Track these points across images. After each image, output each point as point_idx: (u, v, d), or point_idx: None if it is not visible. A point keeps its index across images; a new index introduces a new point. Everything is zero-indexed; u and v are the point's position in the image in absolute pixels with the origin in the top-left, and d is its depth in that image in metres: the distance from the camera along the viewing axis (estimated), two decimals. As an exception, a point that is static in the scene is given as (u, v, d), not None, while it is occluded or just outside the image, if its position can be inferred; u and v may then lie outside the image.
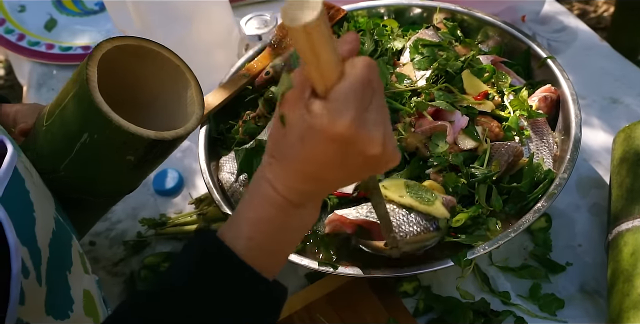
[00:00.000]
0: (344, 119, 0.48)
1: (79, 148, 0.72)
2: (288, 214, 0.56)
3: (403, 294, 0.92)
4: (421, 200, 0.78)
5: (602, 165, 1.03)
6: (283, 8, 0.46)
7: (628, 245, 0.80)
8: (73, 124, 0.72)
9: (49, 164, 0.75)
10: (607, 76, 1.15)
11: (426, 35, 0.99)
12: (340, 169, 0.53)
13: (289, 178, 0.54)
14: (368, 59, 0.49)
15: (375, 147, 0.50)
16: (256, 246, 0.56)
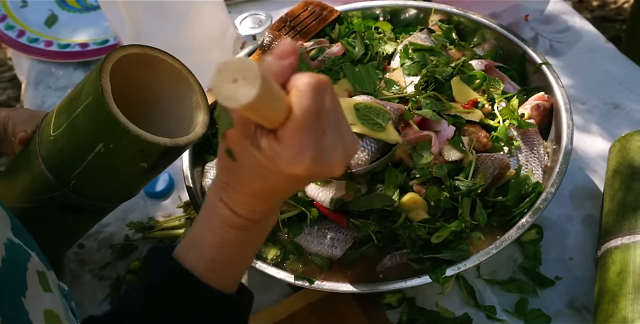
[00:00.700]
0: (303, 161, 0.46)
1: (92, 158, 0.73)
2: (250, 230, 0.56)
3: (387, 306, 0.90)
4: (372, 127, 0.75)
5: (598, 174, 0.99)
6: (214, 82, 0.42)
7: (615, 263, 0.77)
8: (87, 134, 0.73)
9: (59, 173, 0.76)
10: (610, 80, 1.11)
11: (419, 38, 0.96)
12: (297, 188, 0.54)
13: (248, 203, 0.53)
14: (313, 83, 0.46)
15: (338, 170, 0.50)
16: (218, 266, 0.56)
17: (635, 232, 0.78)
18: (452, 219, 0.82)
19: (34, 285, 0.67)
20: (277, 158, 0.47)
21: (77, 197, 0.78)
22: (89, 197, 0.78)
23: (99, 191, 0.79)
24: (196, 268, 0.55)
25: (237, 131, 0.48)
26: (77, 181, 0.76)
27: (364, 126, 0.75)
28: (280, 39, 0.47)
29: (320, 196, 0.83)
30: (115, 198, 0.83)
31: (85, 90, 0.73)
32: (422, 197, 0.82)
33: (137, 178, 0.78)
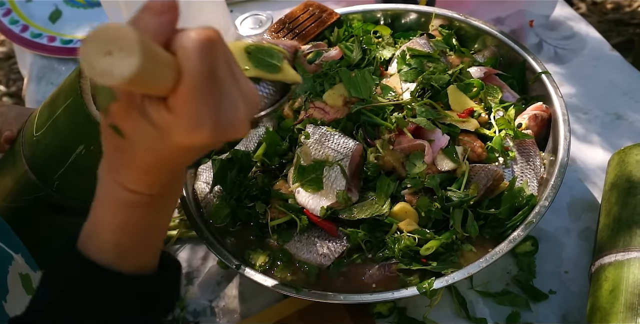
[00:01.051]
0: (202, 131, 0.42)
1: (74, 159, 0.73)
2: (152, 205, 0.51)
3: (377, 315, 0.89)
4: (267, 69, 0.70)
5: (597, 186, 0.97)
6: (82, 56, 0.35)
7: (608, 280, 0.76)
8: (68, 136, 0.72)
9: (42, 173, 0.76)
10: (614, 89, 1.09)
11: (417, 44, 0.95)
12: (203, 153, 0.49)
13: (144, 178, 0.49)
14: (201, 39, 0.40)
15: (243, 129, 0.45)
16: (127, 250, 0.52)
17: (630, 249, 0.76)
18: (443, 231, 0.80)
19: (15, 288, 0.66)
20: (172, 130, 0.42)
21: (61, 198, 0.77)
22: (73, 198, 0.78)
23: (82, 193, 0.77)
24: (103, 255, 0.51)
25: (121, 104, 0.43)
26: (60, 182, 0.75)
27: (259, 69, 0.70)
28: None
29: (311, 204, 0.82)
30: None
31: (66, 91, 0.72)
32: (413, 208, 0.80)
33: None
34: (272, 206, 0.86)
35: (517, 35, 1.18)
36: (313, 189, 0.82)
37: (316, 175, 0.83)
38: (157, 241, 0.55)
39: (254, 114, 0.47)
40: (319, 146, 0.85)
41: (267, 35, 1.04)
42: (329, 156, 0.84)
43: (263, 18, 1.17)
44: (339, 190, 0.81)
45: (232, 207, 0.87)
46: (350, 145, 0.84)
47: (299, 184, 0.84)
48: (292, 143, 0.90)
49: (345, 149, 0.84)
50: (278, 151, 0.89)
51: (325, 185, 0.82)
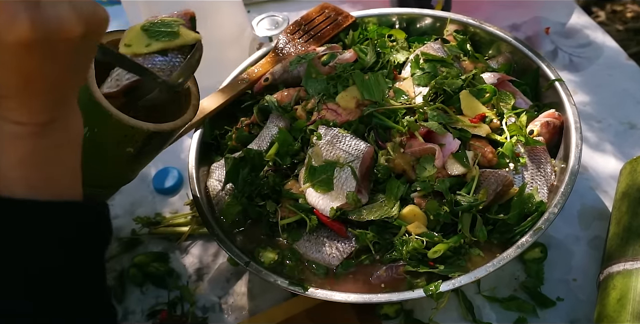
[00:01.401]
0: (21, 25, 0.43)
1: None
2: (45, 135, 0.51)
3: (384, 317, 0.90)
4: (167, 38, 0.73)
5: (609, 195, 0.97)
6: None
7: (616, 289, 0.76)
8: None
9: None
10: (628, 98, 1.08)
11: (431, 48, 0.95)
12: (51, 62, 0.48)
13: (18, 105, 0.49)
14: None
15: (75, 28, 0.45)
16: (36, 182, 0.51)
17: (639, 258, 0.76)
18: (451, 234, 0.81)
19: None
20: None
21: None
22: None
23: (88, 177, 0.77)
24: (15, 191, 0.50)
25: None
26: None
27: (159, 41, 0.73)
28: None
29: (321, 204, 0.83)
30: (106, 184, 0.82)
31: None
32: (422, 211, 0.81)
33: (125, 164, 0.78)
34: (283, 205, 0.87)
35: (533, 42, 1.18)
36: (323, 190, 0.83)
37: (327, 176, 0.84)
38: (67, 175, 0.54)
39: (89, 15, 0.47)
40: (331, 147, 0.85)
41: (282, 37, 1.05)
42: (340, 157, 0.84)
43: (279, 19, 1.18)
44: (349, 191, 0.82)
45: (243, 205, 0.88)
46: (361, 147, 0.85)
47: (309, 185, 0.84)
48: (304, 143, 0.91)
49: (356, 151, 0.84)
50: (290, 151, 0.90)
51: (336, 186, 0.83)
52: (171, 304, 0.96)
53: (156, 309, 0.96)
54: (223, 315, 0.94)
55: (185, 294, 0.97)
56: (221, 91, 1.01)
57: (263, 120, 0.96)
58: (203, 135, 0.98)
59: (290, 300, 0.93)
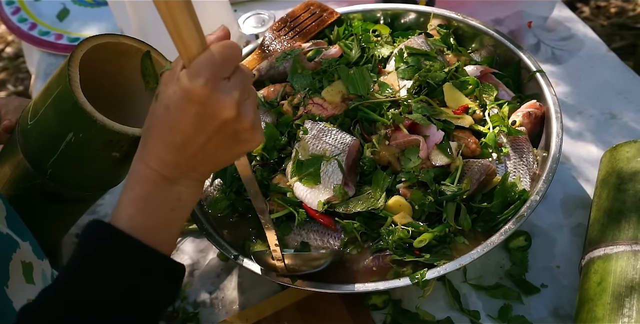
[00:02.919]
0: (199, 79, 0.53)
1: (64, 147, 0.74)
2: (162, 189, 0.57)
3: (372, 307, 0.91)
4: None
5: (590, 184, 0.99)
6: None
7: (597, 273, 0.78)
8: (57, 124, 0.74)
9: (36, 161, 0.77)
10: (609, 89, 1.10)
11: (415, 43, 0.97)
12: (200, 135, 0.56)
13: (157, 149, 0.57)
14: (233, 42, 0.55)
15: (228, 110, 0.54)
16: (138, 224, 0.57)
17: (618, 243, 0.78)
18: (436, 224, 0.82)
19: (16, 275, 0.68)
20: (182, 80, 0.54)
21: (56, 185, 0.78)
22: (67, 186, 0.79)
23: (75, 180, 0.79)
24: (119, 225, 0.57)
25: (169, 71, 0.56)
26: (53, 170, 0.77)
27: None
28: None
29: (309, 198, 0.84)
30: (93, 187, 0.83)
31: (56, 80, 0.73)
32: (407, 201, 0.82)
33: (111, 167, 0.78)
34: (271, 199, 0.88)
35: (516, 36, 1.20)
36: (311, 184, 0.84)
37: (314, 169, 0.85)
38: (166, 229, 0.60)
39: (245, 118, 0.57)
40: (317, 141, 0.87)
41: (268, 33, 1.06)
42: (326, 150, 0.86)
43: (265, 17, 1.19)
44: (336, 184, 0.83)
45: (231, 199, 0.89)
46: (347, 140, 0.86)
47: (297, 179, 0.86)
48: (290, 138, 0.92)
49: (342, 145, 0.86)
50: (277, 146, 0.91)
51: (323, 179, 0.84)
52: (163, 299, 0.97)
53: (148, 305, 0.97)
54: (214, 310, 0.95)
55: (177, 289, 0.98)
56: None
57: (250, 115, 0.97)
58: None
59: (279, 293, 0.95)
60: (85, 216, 1.09)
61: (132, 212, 0.57)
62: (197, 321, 0.93)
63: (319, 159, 0.85)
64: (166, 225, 0.59)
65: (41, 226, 0.83)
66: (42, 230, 0.82)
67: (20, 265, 0.70)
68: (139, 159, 0.58)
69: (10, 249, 0.69)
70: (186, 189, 0.59)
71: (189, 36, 0.53)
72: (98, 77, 0.77)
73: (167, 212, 0.59)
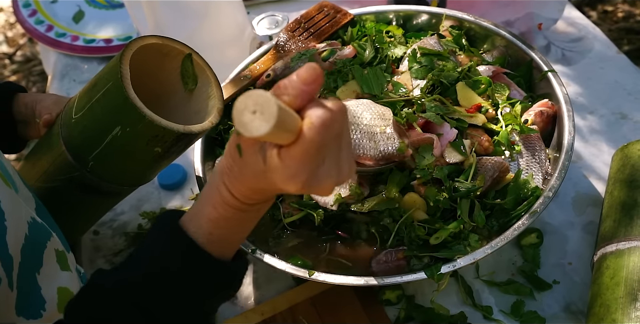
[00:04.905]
0: (294, 184, 0.51)
1: (109, 140, 0.77)
2: (244, 211, 0.60)
3: (386, 302, 0.92)
4: None
5: (602, 183, 1.00)
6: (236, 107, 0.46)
7: (609, 269, 0.79)
8: (106, 117, 0.77)
9: (78, 154, 0.80)
10: (620, 90, 1.12)
11: (428, 43, 0.98)
12: None
13: (245, 192, 0.58)
14: (325, 118, 0.49)
15: (328, 193, 0.55)
16: (216, 239, 0.61)
17: (630, 238, 0.79)
18: (451, 220, 0.83)
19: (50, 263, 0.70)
20: (274, 173, 0.52)
21: (94, 178, 0.81)
22: (105, 179, 0.82)
23: (114, 174, 0.82)
24: (198, 239, 0.60)
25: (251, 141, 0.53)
26: (94, 163, 0.80)
27: None
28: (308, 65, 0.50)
29: (325, 198, 0.85)
30: (130, 181, 0.86)
31: (106, 76, 0.77)
32: (421, 197, 0.84)
33: (151, 163, 0.81)
34: (285, 202, 0.89)
35: (526, 37, 1.21)
36: None
37: None
38: (238, 240, 0.64)
39: (342, 183, 0.56)
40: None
41: (283, 34, 1.08)
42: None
43: (279, 19, 1.21)
44: (351, 183, 0.84)
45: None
46: (362, 139, 0.87)
47: (312, 178, 0.87)
48: (306, 137, 0.93)
49: (357, 143, 0.87)
50: (293, 145, 0.93)
51: None
52: (179, 295, 0.99)
53: (164, 300, 0.99)
54: (229, 304, 0.97)
55: (193, 285, 0.99)
56: (224, 87, 1.04)
57: (265, 114, 0.99)
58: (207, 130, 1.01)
59: (294, 289, 0.96)
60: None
61: (211, 229, 0.60)
62: (213, 316, 0.95)
63: (334, 158, 0.87)
64: (239, 236, 0.64)
65: (69, 220, 0.85)
66: (69, 224, 0.84)
67: (54, 253, 0.72)
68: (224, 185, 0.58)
69: (45, 237, 0.71)
70: (263, 205, 0.61)
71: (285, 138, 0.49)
72: (141, 76, 0.80)
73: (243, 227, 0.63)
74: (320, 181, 0.52)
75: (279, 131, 0.47)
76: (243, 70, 1.07)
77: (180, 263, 0.59)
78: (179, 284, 0.60)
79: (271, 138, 0.49)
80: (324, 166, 0.52)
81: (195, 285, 0.60)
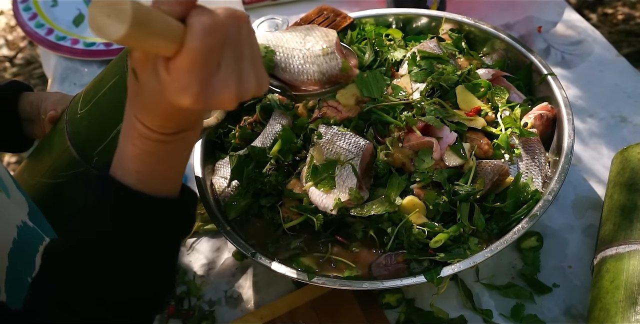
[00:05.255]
0: (185, 97, 0.49)
1: (114, 135, 0.77)
2: (166, 142, 0.58)
3: (386, 306, 0.92)
4: None
5: (601, 186, 1.00)
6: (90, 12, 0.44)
7: (609, 272, 0.79)
8: (111, 112, 0.76)
9: (83, 149, 0.80)
10: (619, 93, 1.12)
11: (427, 47, 0.98)
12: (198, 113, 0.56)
13: (156, 120, 0.56)
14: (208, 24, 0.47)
15: (229, 105, 0.52)
16: (146, 177, 0.58)
17: (630, 242, 0.79)
18: (450, 224, 0.83)
19: None
20: (166, 88, 0.50)
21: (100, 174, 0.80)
22: None
23: None
24: (126, 180, 0.58)
25: (140, 53, 0.50)
26: (99, 158, 0.79)
27: None
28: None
29: (324, 203, 0.85)
30: None
31: (113, 70, 0.76)
32: (421, 201, 0.84)
33: None
34: (285, 206, 0.89)
35: (526, 40, 1.22)
36: (326, 188, 0.85)
37: (329, 174, 0.86)
38: (172, 174, 0.61)
39: (247, 94, 0.53)
40: (331, 146, 0.88)
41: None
42: (340, 155, 0.87)
43: (279, 22, 1.21)
44: (350, 187, 0.84)
45: (247, 200, 0.90)
46: (360, 144, 0.87)
47: (312, 183, 0.87)
48: (305, 141, 0.93)
49: (356, 148, 0.87)
50: (292, 149, 0.92)
51: (337, 184, 0.85)
52: (178, 299, 0.99)
53: (164, 303, 0.99)
54: (229, 308, 0.97)
55: (192, 288, 0.99)
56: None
57: (265, 118, 0.99)
58: (207, 133, 1.01)
59: (294, 292, 0.96)
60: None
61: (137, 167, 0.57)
62: (212, 319, 0.95)
63: (334, 164, 0.87)
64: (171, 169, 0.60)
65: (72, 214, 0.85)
66: None
67: None
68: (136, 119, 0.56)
69: (37, 241, 0.71)
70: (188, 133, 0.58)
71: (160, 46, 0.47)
72: None
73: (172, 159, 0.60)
74: (216, 92, 0.50)
75: (150, 37, 0.45)
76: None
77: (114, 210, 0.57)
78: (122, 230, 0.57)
79: (146, 45, 0.46)
80: (218, 75, 0.50)
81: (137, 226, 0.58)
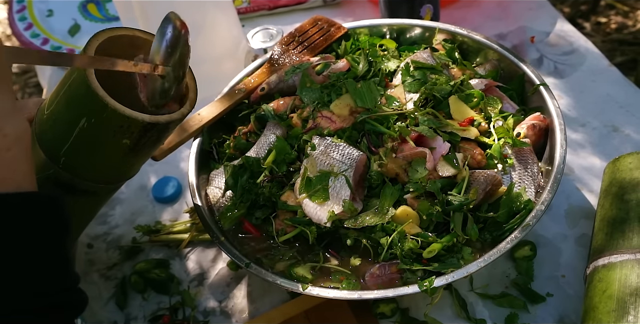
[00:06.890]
0: None
1: (77, 133, 0.76)
2: None
3: (380, 316, 0.92)
4: None
5: (594, 195, 1.01)
6: None
7: (602, 282, 0.79)
8: (72, 109, 0.75)
9: (50, 150, 0.79)
10: (611, 103, 1.13)
11: (421, 57, 0.99)
12: None
13: None
14: None
15: None
16: None
17: (622, 251, 0.79)
18: (444, 234, 0.84)
19: None
20: None
21: (69, 175, 0.80)
22: (79, 176, 0.80)
23: (87, 169, 0.81)
24: None
25: None
26: (66, 158, 0.78)
27: None
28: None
29: (318, 215, 0.85)
30: (103, 178, 0.84)
31: (71, 69, 0.75)
32: (414, 211, 0.84)
33: (122, 157, 0.79)
34: (279, 218, 0.90)
35: (519, 50, 1.23)
36: (320, 200, 0.85)
37: (322, 186, 0.87)
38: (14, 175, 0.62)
39: None
40: (325, 157, 0.88)
41: (277, 48, 1.09)
42: (334, 166, 0.87)
43: (274, 32, 1.22)
44: (344, 199, 0.85)
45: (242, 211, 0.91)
46: (354, 155, 0.88)
47: (306, 195, 0.87)
48: (299, 151, 0.94)
49: (349, 160, 0.87)
50: (287, 159, 0.93)
51: (331, 195, 0.86)
52: (173, 309, 0.99)
53: (158, 314, 0.99)
54: (224, 318, 0.97)
55: (187, 299, 0.99)
56: (219, 100, 1.04)
57: (260, 128, 0.99)
58: (201, 143, 1.01)
59: (288, 302, 0.96)
60: (97, 226, 1.12)
61: None
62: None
63: (327, 176, 0.87)
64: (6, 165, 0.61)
65: None
66: None
67: None
68: None
69: None
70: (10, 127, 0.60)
71: None
72: (113, 72, 0.78)
73: None
74: None
75: None
76: (237, 84, 1.07)
77: None
78: None
79: None
80: None
81: None
